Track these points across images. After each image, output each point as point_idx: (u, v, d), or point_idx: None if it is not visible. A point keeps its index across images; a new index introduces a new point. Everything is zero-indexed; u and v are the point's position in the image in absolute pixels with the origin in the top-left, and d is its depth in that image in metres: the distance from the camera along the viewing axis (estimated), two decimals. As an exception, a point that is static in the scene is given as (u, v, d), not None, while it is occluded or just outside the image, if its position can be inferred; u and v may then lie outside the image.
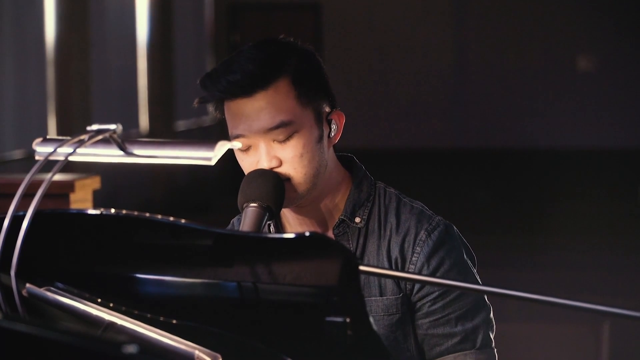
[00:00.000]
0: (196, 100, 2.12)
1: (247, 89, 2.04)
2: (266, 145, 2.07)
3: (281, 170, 2.07)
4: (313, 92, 2.10)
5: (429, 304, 2.13)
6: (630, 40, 12.85)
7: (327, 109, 2.13)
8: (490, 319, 2.18)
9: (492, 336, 2.18)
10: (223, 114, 2.11)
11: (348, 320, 1.43)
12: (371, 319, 1.44)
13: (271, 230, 2.22)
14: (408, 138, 13.28)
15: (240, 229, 2.03)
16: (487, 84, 13.25)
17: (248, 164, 2.09)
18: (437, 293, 2.13)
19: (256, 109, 2.05)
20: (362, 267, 1.47)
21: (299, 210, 2.17)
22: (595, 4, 12.96)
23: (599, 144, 12.79)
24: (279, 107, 2.05)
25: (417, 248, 2.14)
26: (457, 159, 12.94)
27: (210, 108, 2.14)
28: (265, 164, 2.07)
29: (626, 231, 8.03)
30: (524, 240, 7.59)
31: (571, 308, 1.46)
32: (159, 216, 1.50)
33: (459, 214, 8.41)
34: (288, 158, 2.07)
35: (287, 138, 2.06)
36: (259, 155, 2.08)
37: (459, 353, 2.14)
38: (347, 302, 1.44)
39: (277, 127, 2.05)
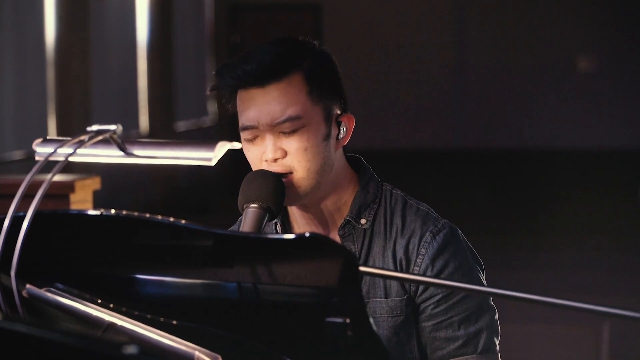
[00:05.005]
0: (209, 89, 2.15)
1: (261, 80, 2.07)
2: (273, 136, 2.09)
3: (285, 162, 2.09)
4: (325, 91, 2.13)
5: (432, 306, 2.13)
6: (630, 40, 12.85)
7: (338, 111, 2.15)
8: (495, 322, 2.17)
9: (496, 341, 2.16)
10: (234, 107, 2.13)
11: (348, 321, 1.43)
12: (371, 320, 1.44)
13: (278, 228, 2.23)
14: (408, 138, 13.28)
15: (241, 229, 2.03)
16: (487, 84, 13.25)
17: (254, 155, 2.11)
18: (440, 295, 2.12)
19: (267, 101, 2.08)
20: (362, 268, 1.47)
21: (306, 209, 2.18)
22: (595, 4, 12.96)
23: (599, 144, 12.79)
24: (290, 100, 2.08)
25: (422, 250, 2.14)
26: (457, 159, 12.94)
27: (223, 100, 2.15)
28: (270, 155, 2.08)
29: (626, 231, 8.03)
30: (524, 241, 7.59)
31: (571, 308, 1.46)
32: (159, 217, 1.50)
33: (459, 214, 8.41)
34: (293, 150, 2.09)
35: (294, 131, 2.08)
36: (264, 145, 2.10)
37: (461, 358, 2.13)
38: (347, 303, 1.44)
39: (284, 121, 2.08)
